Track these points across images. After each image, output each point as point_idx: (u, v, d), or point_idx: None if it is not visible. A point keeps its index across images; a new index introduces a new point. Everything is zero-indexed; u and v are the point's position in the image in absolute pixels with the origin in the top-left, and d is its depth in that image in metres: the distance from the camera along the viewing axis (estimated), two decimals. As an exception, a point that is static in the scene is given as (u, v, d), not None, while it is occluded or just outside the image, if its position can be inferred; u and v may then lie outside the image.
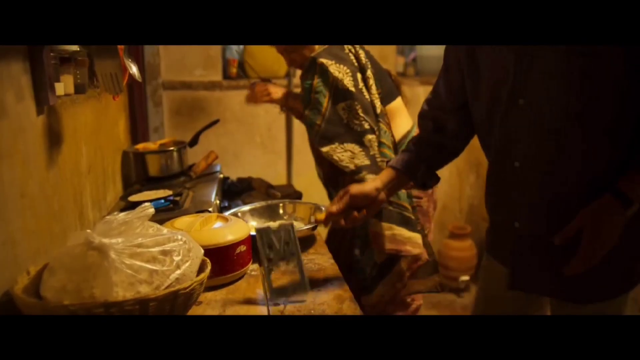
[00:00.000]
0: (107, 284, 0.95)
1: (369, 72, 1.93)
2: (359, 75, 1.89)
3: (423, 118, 1.53)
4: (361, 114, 1.83)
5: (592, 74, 1.10)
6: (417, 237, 1.87)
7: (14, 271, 1.08)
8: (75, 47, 1.48)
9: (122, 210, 1.59)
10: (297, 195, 2.39)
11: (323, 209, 1.64)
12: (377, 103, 1.91)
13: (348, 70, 1.86)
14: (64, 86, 1.43)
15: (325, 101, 1.84)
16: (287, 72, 3.56)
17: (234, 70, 3.56)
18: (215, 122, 2.56)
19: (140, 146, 2.38)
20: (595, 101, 1.12)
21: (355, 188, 1.38)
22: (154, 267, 1.00)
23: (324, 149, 1.84)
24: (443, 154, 1.51)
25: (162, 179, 2.21)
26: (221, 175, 2.32)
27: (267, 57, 3.43)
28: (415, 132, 1.69)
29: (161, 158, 2.25)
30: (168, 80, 3.44)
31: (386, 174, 1.44)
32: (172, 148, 2.29)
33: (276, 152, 3.66)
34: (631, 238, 1.19)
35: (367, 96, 1.88)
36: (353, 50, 1.93)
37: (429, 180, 1.50)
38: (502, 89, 1.23)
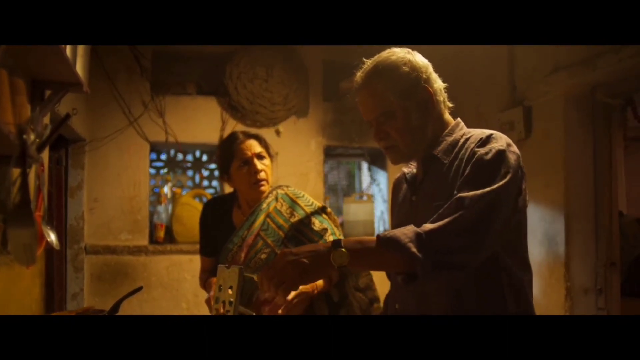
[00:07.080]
0: None
1: None
2: None
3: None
4: None
5: None
6: None
7: None
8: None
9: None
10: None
11: None
12: None
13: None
14: (-29, 254, 1.34)
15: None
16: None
17: (161, 234, 3.50)
18: (139, 289, 2.43)
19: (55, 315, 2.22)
20: None
21: None
22: None
23: None
24: None
25: (75, 353, 2.04)
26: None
27: (195, 222, 3.37)
28: None
29: (76, 329, 2.10)
30: (91, 244, 3.33)
31: None
32: (89, 318, 2.15)
33: (203, 319, 3.51)
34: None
35: None
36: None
37: None
38: None
